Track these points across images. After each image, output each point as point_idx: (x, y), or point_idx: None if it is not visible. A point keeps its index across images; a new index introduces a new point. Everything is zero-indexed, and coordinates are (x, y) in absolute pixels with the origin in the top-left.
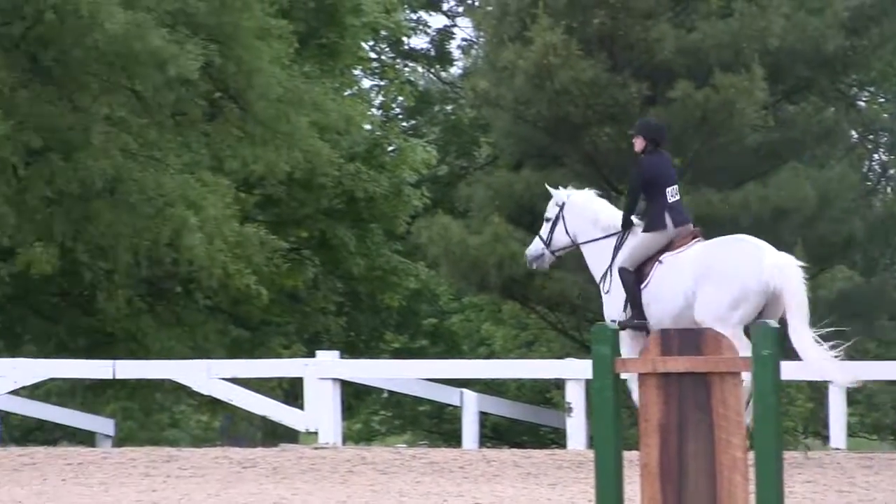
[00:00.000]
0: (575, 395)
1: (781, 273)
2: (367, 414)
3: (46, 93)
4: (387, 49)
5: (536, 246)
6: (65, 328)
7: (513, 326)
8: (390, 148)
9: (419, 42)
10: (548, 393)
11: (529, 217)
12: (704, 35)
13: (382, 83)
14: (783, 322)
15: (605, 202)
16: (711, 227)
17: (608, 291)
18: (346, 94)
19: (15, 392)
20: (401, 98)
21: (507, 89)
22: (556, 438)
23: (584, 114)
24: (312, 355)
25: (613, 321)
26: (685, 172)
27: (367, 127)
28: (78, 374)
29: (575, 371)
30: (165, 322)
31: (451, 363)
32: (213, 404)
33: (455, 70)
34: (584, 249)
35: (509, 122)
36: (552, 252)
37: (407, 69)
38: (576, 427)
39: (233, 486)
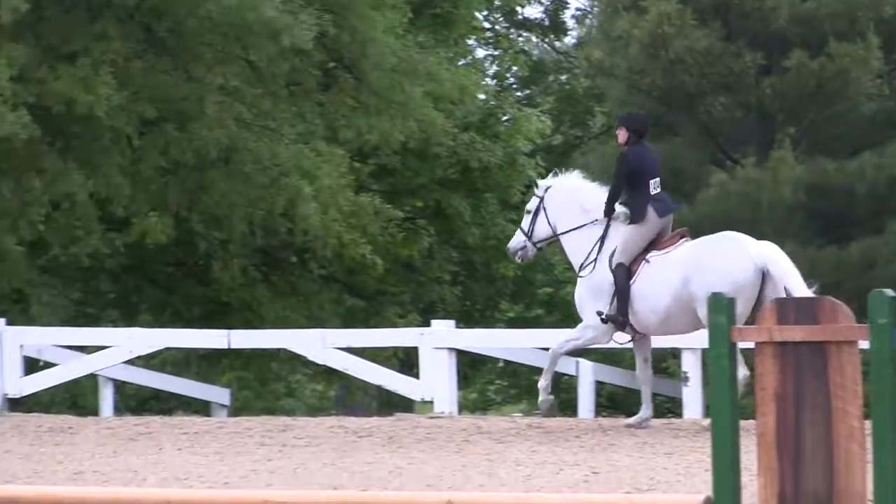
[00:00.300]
0: (691, 365)
1: (767, 259)
2: (483, 383)
3: (160, 63)
4: (501, 19)
5: (518, 238)
6: (180, 298)
7: None
8: (504, 117)
9: (533, 11)
10: (663, 362)
11: None
12: (819, 4)
13: (496, 53)
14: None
15: (588, 187)
16: (827, 196)
17: (585, 277)
18: (460, 63)
19: (131, 362)
20: (515, 68)
21: (621, 59)
22: (671, 407)
23: (698, 83)
24: (428, 324)
25: (600, 313)
26: (800, 142)
27: (482, 96)
28: (193, 343)
29: (690, 340)
30: (280, 292)
31: (567, 332)
32: (329, 374)
33: (569, 39)
34: (564, 239)
35: (623, 91)
36: (534, 244)
37: (521, 39)
38: (692, 396)
39: (348, 456)
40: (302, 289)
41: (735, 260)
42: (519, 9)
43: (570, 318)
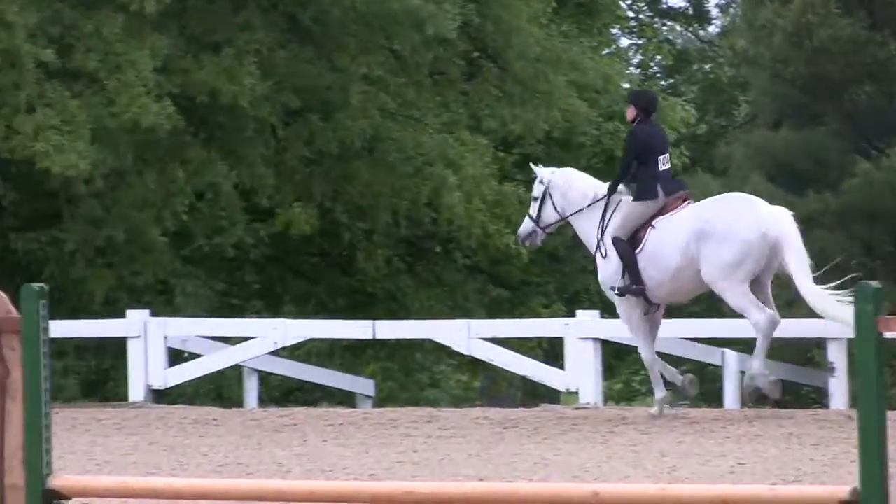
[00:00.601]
0: (837, 355)
1: (779, 223)
2: (628, 374)
3: (305, 53)
4: (644, 8)
5: (526, 225)
6: (324, 288)
7: (774, 286)
8: None
9: (677, 0)
10: (809, 353)
11: (788, 176)
12: None
13: (640, 42)
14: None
15: (585, 175)
16: None
17: (605, 256)
18: (604, 52)
19: (275, 353)
20: (659, 57)
21: (765, 48)
22: (817, 398)
23: (842, 72)
24: (572, 315)
25: (612, 288)
26: None
27: (626, 85)
28: (338, 334)
29: (837, 330)
30: (425, 282)
31: (712, 322)
32: (473, 364)
33: (713, 29)
34: (574, 221)
35: (767, 80)
36: (542, 229)
37: (665, 28)
38: (838, 387)
39: (493, 447)
40: (446, 279)
41: (742, 221)
42: None
43: (714, 308)
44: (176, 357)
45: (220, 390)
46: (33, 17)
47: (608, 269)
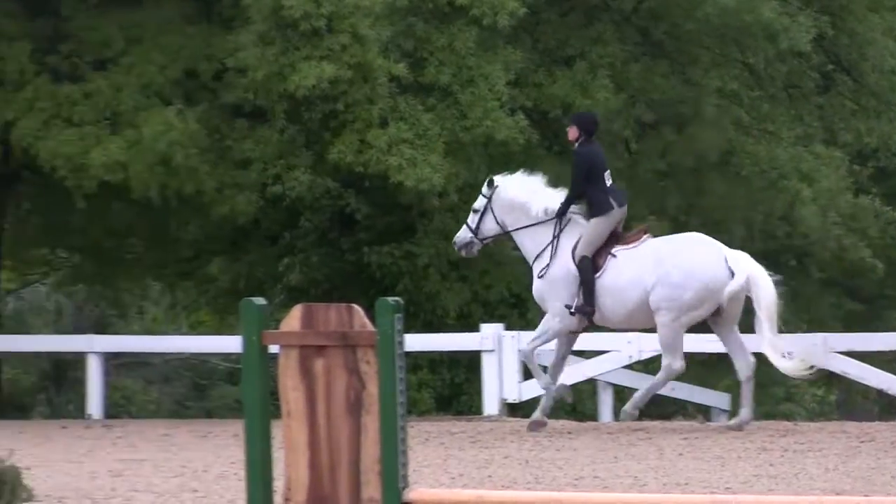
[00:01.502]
0: None
1: (745, 268)
2: None
3: (658, 66)
4: None
5: (464, 234)
6: None
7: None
8: None
9: None
10: None
11: None
12: None
13: None
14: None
15: (536, 187)
16: None
17: (542, 276)
18: None
19: (629, 366)
20: None
21: None
22: None
23: None
24: None
25: (568, 306)
26: None
27: None
28: (688, 347)
29: None
30: (780, 295)
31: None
32: (829, 378)
33: None
34: (517, 236)
35: None
36: (480, 240)
37: None
38: None
39: (850, 461)
40: (802, 292)
41: (709, 262)
42: None
43: None
44: (530, 371)
45: (574, 404)
46: (386, 31)
47: (548, 288)
